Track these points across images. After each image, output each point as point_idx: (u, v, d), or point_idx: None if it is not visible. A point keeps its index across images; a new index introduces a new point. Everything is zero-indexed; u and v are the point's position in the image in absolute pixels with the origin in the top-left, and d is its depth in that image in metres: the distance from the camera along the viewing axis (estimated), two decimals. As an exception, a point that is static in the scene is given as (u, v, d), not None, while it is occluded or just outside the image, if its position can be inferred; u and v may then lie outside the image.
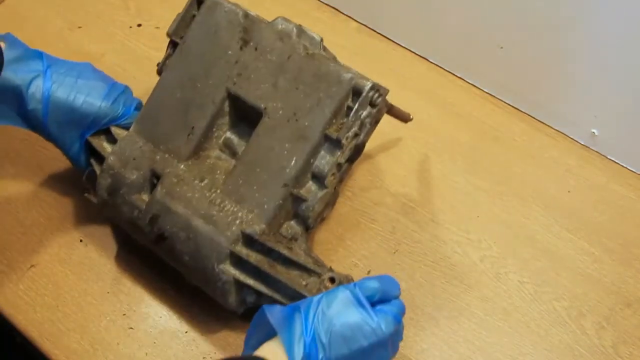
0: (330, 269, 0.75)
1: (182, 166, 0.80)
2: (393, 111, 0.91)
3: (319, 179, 0.77)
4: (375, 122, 0.82)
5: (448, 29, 1.12)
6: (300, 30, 0.79)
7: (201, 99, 0.80)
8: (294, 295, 0.73)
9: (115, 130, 0.84)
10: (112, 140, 0.84)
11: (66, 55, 1.15)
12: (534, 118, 1.09)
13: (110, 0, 1.23)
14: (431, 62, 1.16)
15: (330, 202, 0.82)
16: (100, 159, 0.84)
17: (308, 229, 0.80)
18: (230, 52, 0.79)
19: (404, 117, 0.96)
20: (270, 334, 0.66)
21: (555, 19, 0.98)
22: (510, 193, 1.00)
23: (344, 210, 0.96)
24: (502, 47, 1.07)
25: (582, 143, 1.06)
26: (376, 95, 0.76)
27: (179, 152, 0.80)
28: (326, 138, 0.75)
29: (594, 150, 1.06)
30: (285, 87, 0.76)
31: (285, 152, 0.75)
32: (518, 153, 1.05)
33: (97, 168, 0.85)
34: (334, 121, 0.75)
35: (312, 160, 0.76)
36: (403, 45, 1.17)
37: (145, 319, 0.87)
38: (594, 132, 1.05)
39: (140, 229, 0.80)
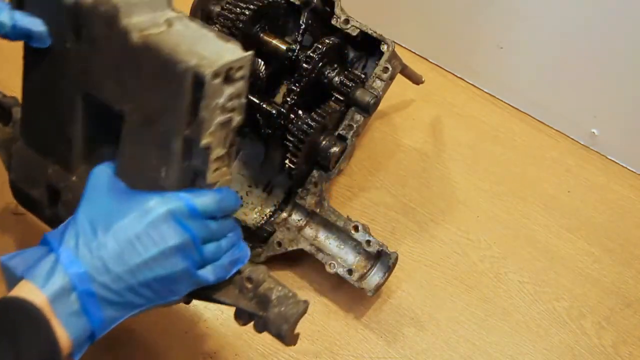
0: None
1: (74, 178, 0.71)
2: (406, 71, 0.93)
3: (199, 175, 0.65)
4: (390, 78, 0.85)
5: (448, 29, 1.12)
6: (130, 5, 0.61)
7: (63, 104, 0.69)
8: None
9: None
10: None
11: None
12: (534, 118, 1.10)
13: (110, 0, 1.23)
14: (431, 62, 1.16)
15: (347, 155, 0.85)
16: None
17: None
18: (68, 45, 0.66)
19: (416, 79, 0.98)
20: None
21: (555, 19, 0.99)
22: (510, 193, 1.00)
23: (344, 210, 0.96)
24: (502, 47, 1.07)
25: (582, 143, 1.06)
26: (237, 72, 0.60)
27: (67, 163, 0.71)
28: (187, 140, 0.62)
29: (594, 150, 1.06)
30: (131, 86, 0.63)
31: (154, 161, 0.63)
32: (518, 153, 1.05)
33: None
34: (192, 119, 0.60)
35: (187, 163, 0.63)
36: (403, 45, 1.17)
37: (146, 319, 0.87)
38: (594, 132, 1.05)
39: None
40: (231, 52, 0.59)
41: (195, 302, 0.88)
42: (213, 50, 0.59)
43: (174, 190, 0.61)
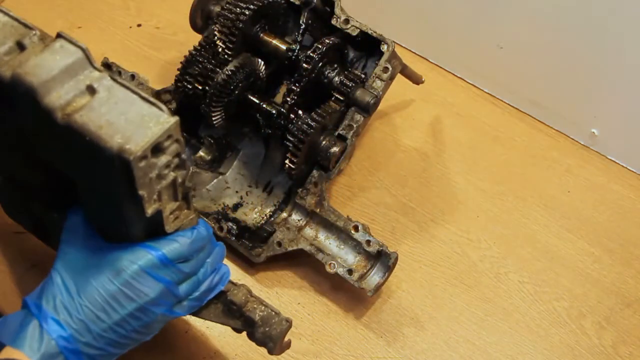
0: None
1: (55, 214, 0.72)
2: (406, 71, 0.93)
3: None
4: (390, 78, 0.86)
5: (448, 29, 1.12)
6: (48, 81, 0.56)
7: (19, 155, 0.68)
8: None
9: None
10: None
11: (66, 55, 1.15)
12: (534, 118, 1.10)
13: (110, 0, 1.23)
14: (431, 62, 1.16)
15: (347, 155, 0.85)
16: None
17: None
18: (2, 113, 0.63)
19: (416, 79, 0.98)
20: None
21: (555, 19, 0.99)
22: (510, 193, 1.00)
23: (344, 210, 0.96)
24: (502, 47, 1.07)
25: (582, 143, 1.06)
26: (166, 142, 0.57)
27: (45, 201, 0.73)
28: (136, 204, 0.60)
29: (594, 150, 1.06)
30: (68, 157, 0.61)
31: (113, 218, 0.62)
32: (518, 153, 1.05)
33: None
34: (132, 192, 0.58)
35: (145, 218, 0.61)
36: (403, 45, 1.17)
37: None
38: (594, 132, 1.05)
39: None
40: (156, 120, 0.56)
41: (195, 302, 0.88)
42: (137, 123, 0.55)
43: (142, 241, 0.62)
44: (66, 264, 0.63)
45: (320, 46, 0.89)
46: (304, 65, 0.88)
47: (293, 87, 0.89)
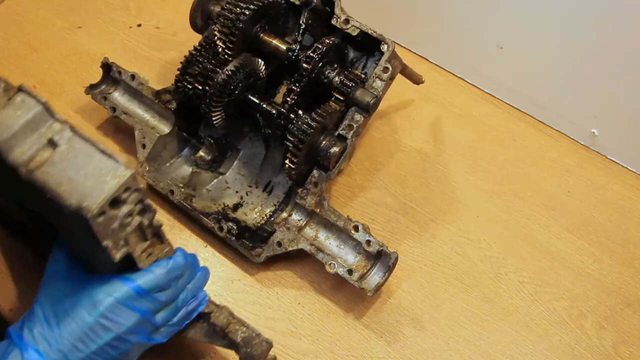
0: None
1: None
2: (406, 71, 0.93)
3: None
4: (390, 78, 0.87)
5: (448, 29, 1.12)
6: (10, 138, 0.59)
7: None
8: None
9: None
10: None
11: (66, 55, 1.15)
12: (534, 118, 1.10)
13: (110, 1, 1.23)
14: (431, 62, 1.16)
15: (347, 155, 0.86)
16: None
17: None
18: None
19: (416, 79, 0.98)
20: None
21: (555, 19, 0.99)
22: (510, 193, 1.00)
23: (344, 210, 0.96)
24: (502, 47, 1.07)
25: (582, 143, 1.06)
26: (124, 194, 0.59)
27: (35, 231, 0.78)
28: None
29: (594, 150, 1.06)
30: (40, 205, 0.64)
31: (90, 254, 0.65)
32: (518, 153, 1.05)
33: None
34: (98, 242, 0.61)
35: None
36: (403, 45, 1.17)
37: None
38: (594, 132, 1.05)
39: None
40: (113, 174, 0.58)
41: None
42: (95, 177, 0.58)
43: (120, 272, 0.64)
44: (47, 294, 0.65)
45: (320, 46, 0.89)
46: (304, 65, 0.88)
47: (293, 87, 0.89)
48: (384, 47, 0.89)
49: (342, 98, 0.89)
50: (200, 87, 0.90)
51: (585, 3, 0.94)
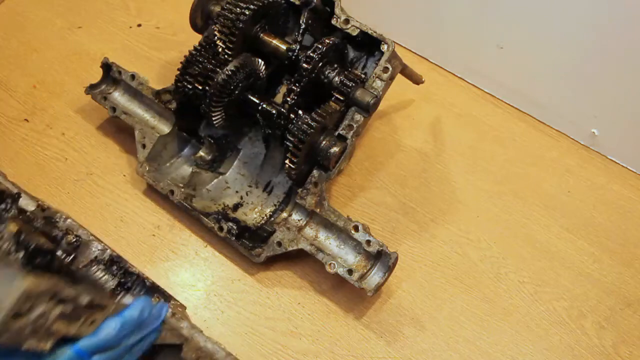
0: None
1: None
2: (406, 71, 0.93)
3: None
4: (390, 78, 0.87)
5: (448, 29, 1.12)
6: None
7: None
8: None
9: None
10: None
11: (66, 55, 1.15)
12: (534, 118, 1.10)
13: (110, 0, 1.23)
14: (431, 62, 1.16)
15: (347, 155, 0.86)
16: None
17: None
18: None
19: (416, 79, 0.98)
20: None
21: (555, 19, 0.99)
22: (510, 193, 1.00)
23: (344, 210, 0.96)
24: (502, 47, 1.07)
25: (582, 143, 1.06)
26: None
27: None
28: None
29: (594, 150, 1.06)
30: None
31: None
32: (518, 153, 1.05)
33: None
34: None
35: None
36: (403, 45, 1.17)
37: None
38: (594, 132, 1.05)
39: None
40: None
41: (194, 302, 0.89)
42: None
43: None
44: None
45: (320, 46, 0.89)
46: (304, 65, 0.88)
47: (293, 87, 0.89)
48: (384, 47, 0.89)
49: (342, 98, 0.89)
50: (200, 87, 0.90)
51: (585, 3, 0.94)
